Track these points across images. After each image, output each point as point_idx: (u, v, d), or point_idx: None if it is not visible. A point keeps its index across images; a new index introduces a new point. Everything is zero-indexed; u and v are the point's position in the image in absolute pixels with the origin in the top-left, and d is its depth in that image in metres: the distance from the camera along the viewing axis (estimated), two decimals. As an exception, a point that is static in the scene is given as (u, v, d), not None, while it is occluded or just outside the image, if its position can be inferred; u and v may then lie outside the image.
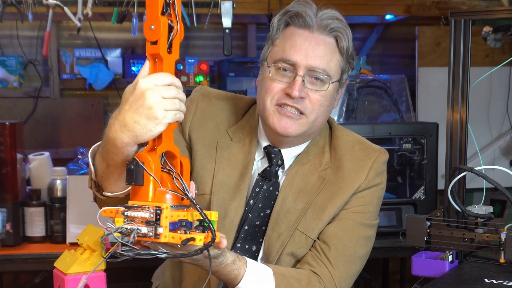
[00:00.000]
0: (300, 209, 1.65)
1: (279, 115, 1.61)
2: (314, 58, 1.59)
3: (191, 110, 1.75)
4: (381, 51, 3.78)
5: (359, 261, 1.68)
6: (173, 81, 1.27)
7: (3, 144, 2.53)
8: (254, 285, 1.52)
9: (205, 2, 2.95)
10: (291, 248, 1.64)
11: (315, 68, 1.60)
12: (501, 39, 3.14)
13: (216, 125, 1.74)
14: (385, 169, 1.74)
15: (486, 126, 3.48)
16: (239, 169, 1.70)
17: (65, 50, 3.42)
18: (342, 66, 1.65)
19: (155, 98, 1.24)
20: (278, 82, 1.62)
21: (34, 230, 2.62)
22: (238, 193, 1.67)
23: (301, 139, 1.69)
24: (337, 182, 1.67)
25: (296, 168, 1.70)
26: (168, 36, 1.26)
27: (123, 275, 2.87)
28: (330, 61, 1.62)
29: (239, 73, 3.40)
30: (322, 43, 1.61)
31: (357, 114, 3.21)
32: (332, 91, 1.64)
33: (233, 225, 1.66)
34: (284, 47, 1.62)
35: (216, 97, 1.79)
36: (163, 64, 1.27)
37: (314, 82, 1.61)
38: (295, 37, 1.62)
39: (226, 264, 1.47)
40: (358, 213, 1.67)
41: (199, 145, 1.71)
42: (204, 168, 1.70)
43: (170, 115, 1.25)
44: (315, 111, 1.62)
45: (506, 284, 1.60)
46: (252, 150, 1.71)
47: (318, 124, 1.66)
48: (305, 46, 1.60)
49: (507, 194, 1.73)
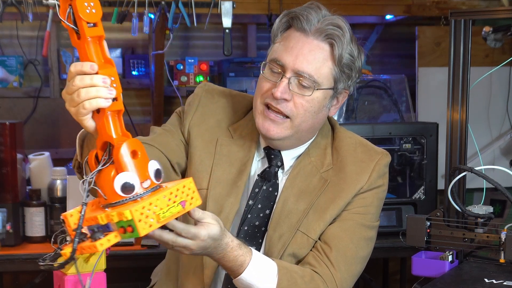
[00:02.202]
0: (302, 210, 1.66)
1: (264, 117, 1.63)
2: (302, 62, 1.58)
3: (193, 105, 1.75)
4: (381, 51, 3.78)
5: (360, 262, 1.68)
6: (84, 68, 1.22)
7: (3, 144, 2.53)
8: (258, 275, 1.52)
9: (205, 2, 2.95)
10: (293, 248, 1.65)
11: (301, 72, 1.59)
12: (501, 39, 3.15)
13: (218, 122, 1.75)
14: (387, 171, 1.74)
15: (486, 126, 3.48)
16: (238, 166, 1.70)
17: (65, 50, 3.43)
18: (335, 75, 1.63)
19: (69, 88, 1.24)
20: (268, 82, 1.62)
21: (34, 230, 2.62)
22: (234, 189, 1.68)
23: (293, 142, 1.69)
24: (339, 184, 1.67)
25: (297, 169, 1.70)
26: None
27: (123, 275, 2.87)
28: (320, 68, 1.60)
29: (239, 73, 3.40)
30: (315, 48, 1.60)
31: (357, 114, 3.21)
32: (320, 98, 1.62)
33: (228, 221, 1.65)
34: (279, 48, 1.63)
35: (220, 94, 1.79)
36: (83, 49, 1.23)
37: (299, 86, 1.60)
38: (290, 39, 1.61)
39: (232, 247, 1.47)
40: (359, 214, 1.67)
41: (199, 141, 1.72)
42: (202, 163, 1.70)
43: (86, 105, 1.22)
44: (299, 116, 1.61)
45: (506, 284, 1.60)
46: (252, 148, 1.72)
47: (305, 129, 1.65)
48: (297, 49, 1.59)
49: (507, 194, 1.73)
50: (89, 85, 1.21)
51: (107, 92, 1.22)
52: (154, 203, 1.20)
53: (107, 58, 1.25)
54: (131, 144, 1.24)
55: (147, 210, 1.19)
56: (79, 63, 1.23)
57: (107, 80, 1.23)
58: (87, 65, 1.22)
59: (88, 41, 1.22)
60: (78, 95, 1.22)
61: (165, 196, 1.23)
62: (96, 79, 1.21)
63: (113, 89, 1.24)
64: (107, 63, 1.25)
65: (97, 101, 1.22)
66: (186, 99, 1.85)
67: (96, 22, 1.22)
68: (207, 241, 1.40)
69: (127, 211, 1.17)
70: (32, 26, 3.31)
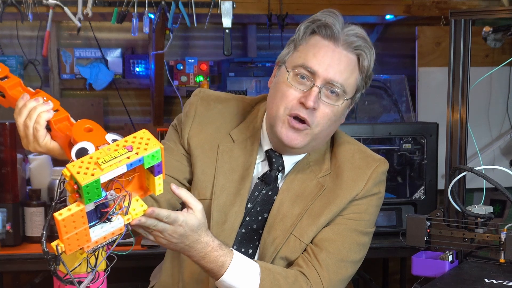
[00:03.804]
0: (296, 214, 1.65)
1: (288, 127, 1.60)
2: (334, 71, 1.59)
3: (190, 116, 1.74)
4: (381, 51, 3.78)
5: (350, 266, 1.67)
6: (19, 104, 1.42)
7: (3, 144, 2.53)
8: (239, 277, 1.51)
9: (205, 2, 2.95)
10: (285, 252, 1.64)
11: (333, 81, 1.59)
12: (501, 39, 3.14)
13: (217, 129, 1.73)
14: (385, 179, 1.73)
15: (486, 126, 3.48)
16: (240, 172, 1.69)
17: (65, 50, 3.43)
18: (359, 85, 1.65)
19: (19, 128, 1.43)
20: (295, 89, 1.60)
21: (34, 230, 2.62)
22: (238, 198, 1.67)
23: (306, 149, 1.69)
24: (335, 190, 1.67)
25: (295, 173, 1.69)
26: None
27: (123, 275, 2.87)
28: (349, 78, 1.61)
29: (239, 73, 3.40)
30: (344, 58, 1.60)
31: (357, 114, 3.21)
32: (343, 108, 1.64)
33: (233, 230, 1.65)
34: (306, 54, 1.61)
35: (215, 100, 1.78)
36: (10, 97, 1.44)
37: (329, 96, 1.60)
38: (319, 47, 1.60)
39: (213, 246, 1.47)
40: (353, 220, 1.66)
41: (199, 151, 1.71)
42: (204, 173, 1.69)
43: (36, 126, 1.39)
44: (320, 125, 1.61)
45: (506, 284, 1.60)
46: (254, 153, 1.70)
47: (321, 137, 1.65)
48: (328, 57, 1.59)
49: (507, 194, 1.73)
50: (27, 111, 1.39)
51: (44, 106, 1.38)
52: (95, 156, 1.19)
53: (32, 92, 1.42)
54: (85, 122, 1.32)
55: (87, 163, 1.18)
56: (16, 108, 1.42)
57: (39, 99, 1.39)
58: (19, 101, 1.41)
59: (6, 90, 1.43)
60: (26, 125, 1.39)
61: (110, 148, 1.21)
62: (30, 104, 1.39)
63: (49, 102, 1.38)
64: (35, 94, 1.41)
65: (41, 116, 1.37)
66: (186, 99, 1.84)
67: (6, 75, 1.44)
68: (184, 228, 1.39)
69: (65, 169, 1.18)
70: (32, 26, 3.31)
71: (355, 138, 1.79)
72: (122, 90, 3.57)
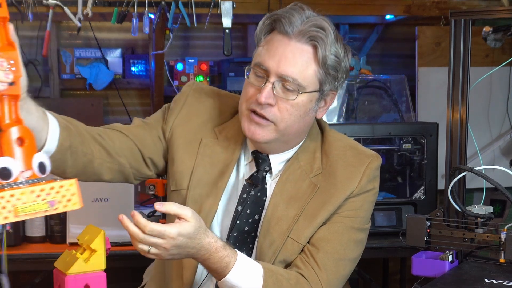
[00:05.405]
0: (292, 217, 1.64)
1: (249, 121, 1.61)
2: (286, 66, 1.56)
3: (179, 104, 1.74)
4: (381, 51, 3.78)
5: (348, 264, 1.67)
6: None
7: None
8: (243, 277, 1.52)
9: (205, 2, 2.95)
10: (284, 255, 1.64)
11: (285, 76, 1.57)
12: (501, 39, 3.14)
13: (203, 122, 1.74)
14: (378, 174, 1.71)
15: (486, 126, 3.48)
16: (220, 168, 1.69)
17: (65, 50, 3.43)
18: (320, 77, 1.60)
19: None
20: (252, 87, 1.62)
21: (34, 230, 2.62)
22: (214, 190, 1.67)
23: (281, 146, 1.67)
24: (329, 189, 1.66)
25: (286, 174, 1.68)
26: None
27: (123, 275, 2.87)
28: (304, 71, 1.58)
29: (239, 73, 3.40)
30: (298, 51, 1.57)
31: (357, 114, 3.21)
32: (305, 101, 1.60)
33: (207, 221, 1.63)
34: (262, 52, 1.61)
35: (207, 93, 1.78)
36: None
37: (284, 91, 1.59)
38: (273, 42, 1.59)
39: (216, 247, 1.47)
40: (348, 217, 1.66)
41: (182, 140, 1.71)
42: (183, 163, 1.69)
43: None
44: (284, 120, 1.60)
45: (506, 284, 1.60)
46: (236, 151, 1.70)
47: (292, 132, 1.64)
48: (279, 53, 1.57)
49: (507, 194, 1.73)
50: None
51: (3, 75, 1.17)
52: (17, 196, 1.14)
53: (10, 41, 1.19)
54: (20, 131, 1.18)
55: (6, 201, 1.13)
56: None
57: (4, 63, 1.17)
58: None
59: None
60: None
61: (34, 191, 1.15)
62: None
63: (10, 72, 1.18)
64: (9, 45, 1.19)
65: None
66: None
67: (1, 2, 1.17)
68: (179, 239, 1.40)
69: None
70: (32, 26, 3.30)
71: (355, 138, 1.79)
72: (122, 90, 3.57)
